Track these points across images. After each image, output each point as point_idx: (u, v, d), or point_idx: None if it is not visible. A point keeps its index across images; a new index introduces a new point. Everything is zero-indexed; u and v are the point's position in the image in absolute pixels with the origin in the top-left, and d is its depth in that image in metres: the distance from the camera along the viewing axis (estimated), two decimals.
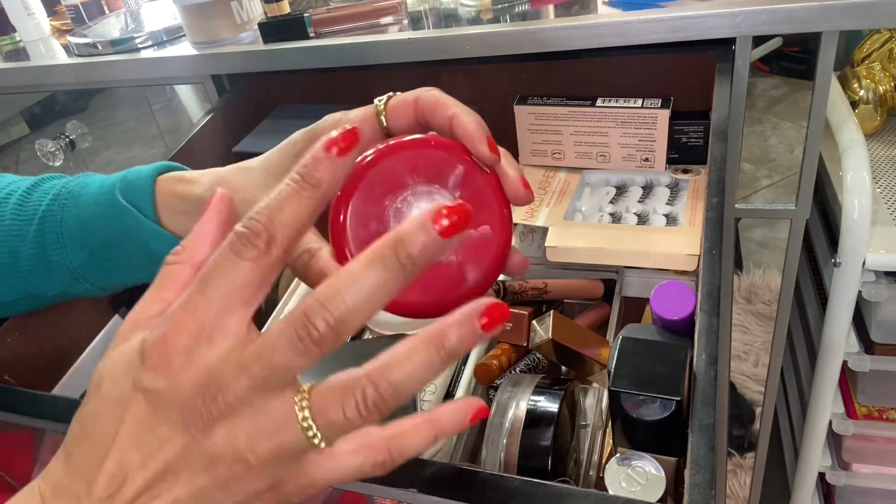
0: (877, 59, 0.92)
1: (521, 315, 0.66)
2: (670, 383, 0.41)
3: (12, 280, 0.47)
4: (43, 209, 0.46)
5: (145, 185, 0.44)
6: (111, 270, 0.46)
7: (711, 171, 0.58)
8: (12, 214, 0.46)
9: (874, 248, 0.76)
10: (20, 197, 0.47)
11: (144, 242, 0.44)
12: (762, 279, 1.72)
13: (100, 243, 0.45)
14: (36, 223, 0.46)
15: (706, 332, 0.43)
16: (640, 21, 0.66)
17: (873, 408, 0.88)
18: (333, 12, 0.80)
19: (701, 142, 0.78)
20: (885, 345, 0.81)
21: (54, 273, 0.46)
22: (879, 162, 0.89)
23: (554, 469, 0.52)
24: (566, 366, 0.67)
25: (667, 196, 0.76)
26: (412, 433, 0.29)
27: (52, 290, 0.47)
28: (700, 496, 0.34)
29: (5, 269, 0.46)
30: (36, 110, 2.40)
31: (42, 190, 0.47)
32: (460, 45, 0.73)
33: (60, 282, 0.47)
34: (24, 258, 0.46)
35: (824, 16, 0.61)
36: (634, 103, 0.76)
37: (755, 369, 1.49)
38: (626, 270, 0.73)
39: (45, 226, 0.45)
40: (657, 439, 0.44)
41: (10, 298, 0.48)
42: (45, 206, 0.46)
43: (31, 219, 0.46)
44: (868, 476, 0.93)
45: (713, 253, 0.48)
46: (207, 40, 0.83)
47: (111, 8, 1.10)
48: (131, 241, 0.44)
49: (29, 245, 0.46)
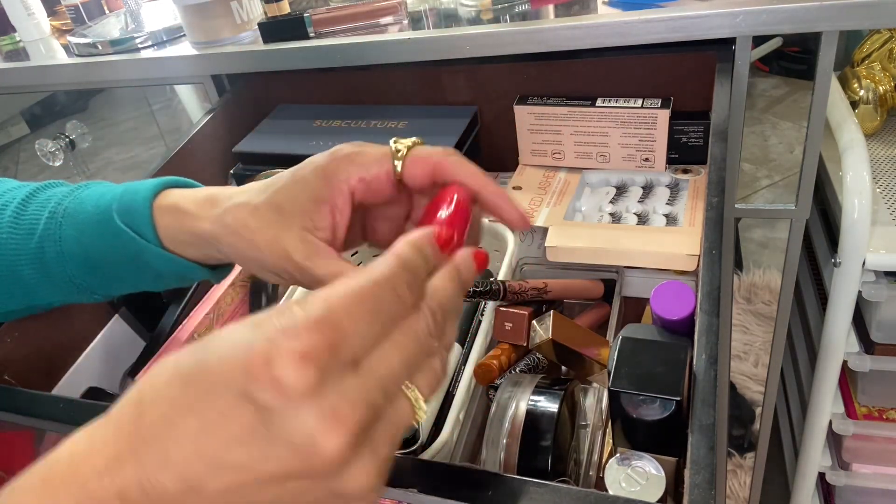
0: (877, 59, 0.92)
1: (521, 315, 0.66)
2: (670, 383, 0.41)
3: (14, 292, 0.46)
4: (41, 228, 0.45)
5: (143, 210, 0.43)
6: (117, 284, 0.46)
7: (711, 171, 0.58)
8: (9, 228, 0.45)
9: (874, 248, 0.76)
10: (15, 210, 0.46)
11: (148, 264, 0.43)
12: (762, 279, 1.72)
13: (102, 261, 0.44)
14: (35, 241, 0.45)
15: (706, 332, 0.43)
16: (640, 21, 0.66)
17: (873, 408, 0.88)
18: (333, 12, 0.80)
19: (701, 142, 0.78)
20: (885, 345, 0.81)
21: (58, 286, 0.46)
22: (879, 162, 0.89)
23: (554, 469, 0.52)
24: (566, 366, 0.67)
25: (667, 196, 0.76)
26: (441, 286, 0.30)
27: (55, 300, 0.47)
28: (700, 496, 0.34)
29: (6, 282, 0.46)
30: (36, 110, 2.40)
31: (38, 203, 0.46)
32: (460, 45, 0.73)
33: (64, 293, 0.46)
34: (25, 273, 0.45)
35: (824, 16, 0.61)
36: (634, 103, 0.76)
37: (755, 369, 1.49)
38: (626, 270, 0.73)
39: (44, 244, 0.45)
40: (657, 439, 0.44)
41: (11, 308, 0.48)
42: (42, 224, 0.45)
43: (30, 235, 0.45)
44: (868, 476, 0.93)
45: (713, 253, 0.48)
46: (207, 40, 0.83)
47: (111, 8, 1.10)
48: (134, 262, 0.43)
49: (29, 261, 0.45)
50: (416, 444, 0.56)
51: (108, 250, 0.43)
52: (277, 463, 0.24)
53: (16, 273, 0.45)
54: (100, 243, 0.44)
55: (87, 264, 0.44)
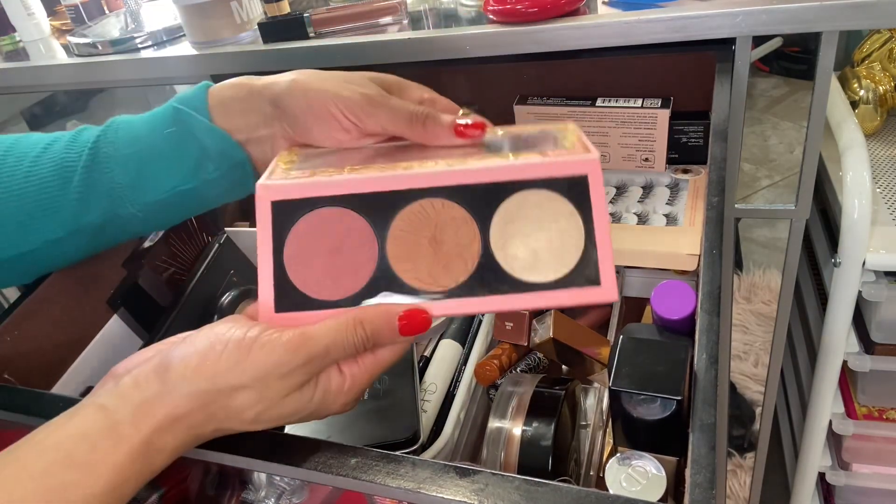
0: (877, 59, 0.92)
1: (522, 315, 0.66)
2: (671, 383, 0.41)
3: (61, 212, 0.48)
4: (96, 137, 0.49)
5: (199, 93, 0.48)
6: (157, 182, 0.48)
7: (711, 171, 0.58)
8: (65, 149, 0.49)
9: (874, 248, 0.76)
10: (70, 138, 0.49)
11: (196, 138, 0.47)
12: (762, 279, 1.72)
13: (150, 153, 0.48)
14: (89, 150, 0.48)
15: (707, 331, 0.43)
16: (640, 21, 0.66)
17: (873, 408, 0.88)
18: (333, 12, 0.80)
19: (701, 142, 0.78)
20: (885, 345, 0.81)
21: (101, 193, 0.48)
22: (879, 162, 0.89)
23: (554, 469, 0.52)
24: (567, 365, 0.67)
25: (667, 196, 0.76)
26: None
27: (96, 217, 0.49)
28: (700, 496, 0.34)
29: (55, 201, 0.48)
30: (36, 110, 2.40)
31: (89, 131, 0.50)
32: (460, 45, 0.73)
33: (105, 203, 0.48)
34: (74, 183, 0.48)
35: (824, 16, 0.61)
36: (634, 103, 0.76)
37: (755, 369, 1.49)
38: (626, 270, 0.73)
39: (98, 150, 0.48)
40: (658, 439, 0.44)
41: (58, 235, 0.49)
42: (97, 135, 0.49)
43: (84, 148, 0.48)
44: (868, 476, 0.93)
45: (713, 253, 0.48)
46: (207, 40, 0.83)
47: (111, 8, 1.10)
48: (183, 141, 0.47)
49: (80, 170, 0.48)
50: (417, 445, 0.56)
51: (160, 137, 0.47)
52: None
53: (64, 188, 0.48)
54: (153, 130, 0.48)
55: (136, 161, 0.48)
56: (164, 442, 0.36)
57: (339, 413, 0.41)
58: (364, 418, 0.57)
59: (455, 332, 0.69)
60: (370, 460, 0.39)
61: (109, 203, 0.48)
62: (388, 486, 0.37)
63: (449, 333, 0.69)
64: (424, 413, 0.61)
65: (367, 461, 0.39)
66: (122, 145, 0.48)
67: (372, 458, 0.39)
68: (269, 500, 0.46)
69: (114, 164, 0.48)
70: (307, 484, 0.45)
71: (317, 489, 0.45)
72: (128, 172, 0.48)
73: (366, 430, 0.56)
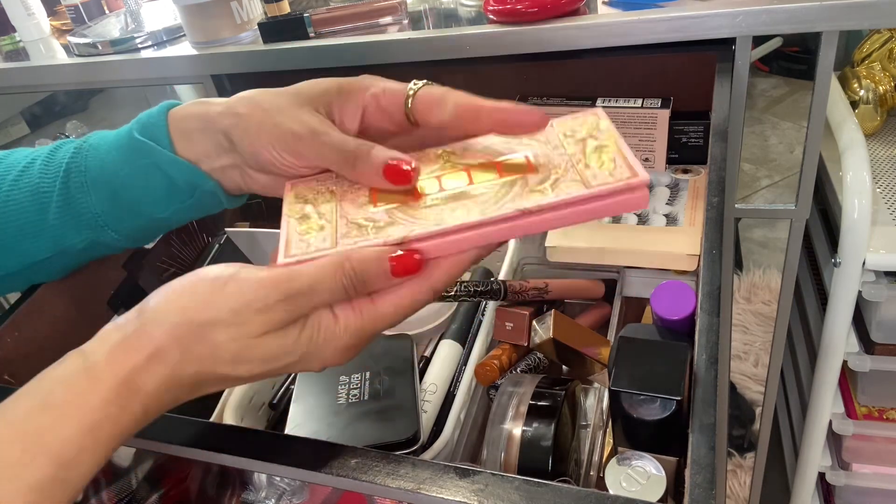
0: (877, 59, 0.92)
1: (522, 315, 0.66)
2: (671, 383, 0.41)
3: (42, 236, 0.48)
4: (67, 162, 0.48)
5: (158, 120, 0.46)
6: (133, 211, 0.48)
7: (711, 171, 0.58)
8: (40, 173, 0.48)
9: (874, 248, 0.76)
10: (45, 158, 0.49)
11: (163, 171, 0.46)
12: (762, 279, 1.72)
13: (121, 183, 0.47)
14: (61, 176, 0.48)
15: (707, 331, 0.43)
16: (640, 21, 0.66)
17: (873, 408, 0.88)
18: (333, 12, 0.80)
19: (701, 142, 0.78)
20: (885, 345, 0.81)
21: (80, 222, 0.48)
22: (879, 162, 0.89)
23: (554, 469, 0.52)
24: (567, 365, 0.67)
25: (667, 196, 0.76)
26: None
27: (79, 242, 0.49)
28: (700, 496, 0.34)
29: (35, 227, 0.48)
30: (36, 110, 2.40)
31: (64, 150, 0.49)
32: (460, 45, 0.73)
33: (86, 232, 0.48)
34: (52, 211, 0.48)
35: (824, 16, 0.61)
36: (634, 103, 0.76)
37: (755, 369, 1.49)
38: (626, 270, 0.73)
39: (70, 177, 0.48)
40: (657, 439, 0.44)
41: (43, 256, 0.49)
42: (68, 159, 0.48)
43: (57, 173, 0.48)
44: (868, 476, 0.93)
45: (713, 253, 0.48)
46: (207, 40, 0.83)
47: (111, 8, 1.10)
48: (150, 174, 0.46)
49: (56, 198, 0.48)
50: (417, 445, 0.56)
51: (126, 167, 0.47)
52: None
53: (44, 213, 0.48)
54: (120, 162, 0.47)
55: (107, 189, 0.47)
56: (140, 381, 0.35)
57: (336, 364, 0.39)
58: (364, 419, 0.57)
59: (455, 333, 0.69)
60: (370, 461, 0.39)
61: (90, 231, 0.48)
62: (388, 486, 0.37)
63: (449, 334, 0.69)
64: (424, 413, 0.61)
65: (367, 461, 0.39)
66: (93, 173, 0.47)
67: (372, 458, 0.39)
68: (269, 500, 0.46)
69: (87, 192, 0.47)
70: (307, 484, 0.45)
71: (317, 490, 0.45)
72: (102, 202, 0.47)
73: (366, 431, 0.56)
